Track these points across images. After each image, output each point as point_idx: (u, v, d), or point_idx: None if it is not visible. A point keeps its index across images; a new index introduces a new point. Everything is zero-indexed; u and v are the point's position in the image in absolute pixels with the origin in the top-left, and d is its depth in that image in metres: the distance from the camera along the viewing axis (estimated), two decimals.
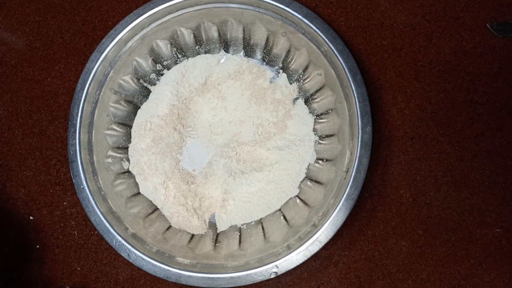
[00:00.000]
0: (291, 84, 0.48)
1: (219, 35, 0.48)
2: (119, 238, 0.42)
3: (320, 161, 0.46)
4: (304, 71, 0.47)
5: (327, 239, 0.40)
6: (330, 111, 0.46)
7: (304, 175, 0.46)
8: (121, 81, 0.47)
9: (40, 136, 0.50)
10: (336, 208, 0.40)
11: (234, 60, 0.48)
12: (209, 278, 0.40)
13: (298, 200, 0.45)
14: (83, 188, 0.43)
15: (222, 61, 0.49)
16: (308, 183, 0.46)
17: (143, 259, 0.41)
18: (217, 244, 0.45)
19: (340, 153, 0.44)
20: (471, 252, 0.45)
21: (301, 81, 0.48)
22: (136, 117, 0.48)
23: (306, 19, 0.43)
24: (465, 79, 0.48)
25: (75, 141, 0.43)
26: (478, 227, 0.45)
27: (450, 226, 0.46)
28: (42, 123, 0.50)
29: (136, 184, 0.46)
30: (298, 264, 0.40)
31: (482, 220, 0.45)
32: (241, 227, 0.46)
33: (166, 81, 0.48)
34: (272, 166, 0.46)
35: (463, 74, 0.48)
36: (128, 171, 0.47)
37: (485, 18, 0.48)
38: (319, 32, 0.43)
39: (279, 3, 0.44)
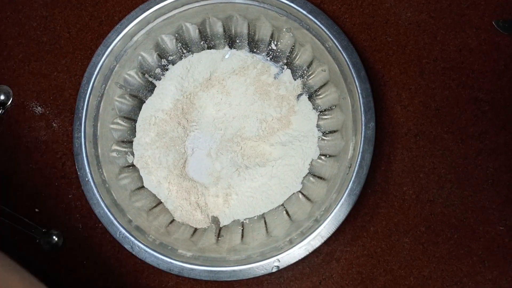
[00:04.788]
0: (295, 80, 0.48)
1: (224, 30, 0.48)
2: (123, 231, 0.42)
3: (323, 157, 0.46)
4: (308, 67, 0.47)
5: (329, 234, 0.40)
6: (334, 107, 0.46)
7: (307, 171, 0.46)
8: (126, 76, 0.47)
9: (46, 130, 0.50)
10: (338, 203, 0.41)
11: (239, 56, 0.49)
12: (211, 271, 0.41)
13: (300, 196, 0.46)
14: (88, 180, 0.43)
15: (226, 56, 0.49)
16: (311, 178, 0.46)
17: (146, 251, 0.42)
18: (219, 238, 0.45)
19: (343, 149, 0.44)
20: (473, 249, 0.45)
21: (305, 77, 0.48)
22: (141, 112, 0.48)
23: (310, 15, 0.43)
24: (470, 76, 0.48)
25: (81, 134, 0.44)
26: (481, 225, 0.45)
27: (453, 223, 0.45)
28: (49, 117, 0.51)
29: (140, 178, 0.47)
30: (299, 258, 0.40)
31: (485, 218, 0.45)
32: (244, 221, 0.46)
33: (171, 76, 0.48)
34: (275, 161, 0.46)
35: (468, 72, 0.48)
36: (132, 165, 0.47)
37: (491, 15, 0.48)
38: (323, 28, 0.43)
39: None
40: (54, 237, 0.47)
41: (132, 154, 0.47)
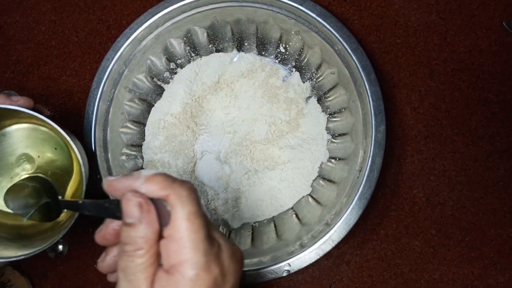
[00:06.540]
0: (304, 82, 0.48)
1: (232, 33, 0.48)
2: None
3: (332, 160, 0.46)
4: (317, 70, 0.47)
5: (340, 238, 0.40)
6: (343, 109, 0.46)
7: (317, 174, 0.46)
8: (135, 80, 0.47)
9: None
10: (349, 207, 0.40)
11: (247, 59, 0.48)
12: None
13: (310, 199, 0.45)
14: None
15: (235, 59, 0.49)
16: (321, 182, 0.46)
17: None
18: None
19: (353, 152, 0.43)
20: (485, 252, 0.45)
21: (314, 79, 0.48)
22: (150, 115, 0.48)
23: (319, 17, 0.43)
24: (480, 77, 0.47)
25: (91, 139, 0.44)
26: (493, 227, 0.45)
27: (463, 226, 0.45)
28: (58, 121, 0.51)
29: None
30: (310, 262, 0.40)
31: (497, 220, 0.45)
32: (254, 225, 0.46)
33: (180, 80, 0.48)
34: (284, 164, 0.46)
35: (478, 73, 0.47)
36: (142, 169, 0.47)
37: (501, 15, 0.48)
38: (332, 31, 0.43)
39: (292, 1, 0.43)
40: (60, 245, 0.46)
41: (142, 158, 0.48)
